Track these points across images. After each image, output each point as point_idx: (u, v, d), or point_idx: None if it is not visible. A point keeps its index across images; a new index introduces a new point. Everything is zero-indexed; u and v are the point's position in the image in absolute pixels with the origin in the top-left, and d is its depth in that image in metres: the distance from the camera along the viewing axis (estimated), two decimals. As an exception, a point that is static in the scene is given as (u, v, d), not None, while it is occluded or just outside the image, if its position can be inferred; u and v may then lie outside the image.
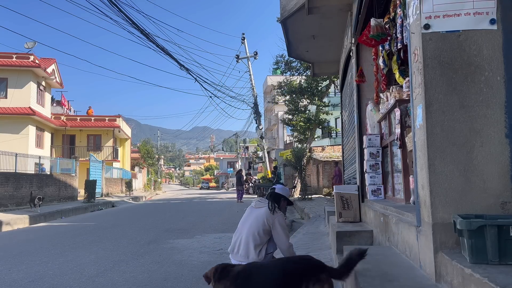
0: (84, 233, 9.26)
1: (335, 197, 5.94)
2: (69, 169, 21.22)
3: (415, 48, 2.49)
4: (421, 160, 2.42)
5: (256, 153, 48.01)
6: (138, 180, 42.26)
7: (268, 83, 40.61)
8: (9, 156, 15.86)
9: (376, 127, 5.36)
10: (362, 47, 5.87)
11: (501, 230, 1.83)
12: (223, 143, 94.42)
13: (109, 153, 31.09)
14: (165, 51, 15.86)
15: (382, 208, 4.09)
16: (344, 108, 8.99)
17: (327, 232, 7.42)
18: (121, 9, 14.67)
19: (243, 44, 26.50)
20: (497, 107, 2.26)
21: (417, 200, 2.53)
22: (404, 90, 4.00)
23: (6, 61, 24.33)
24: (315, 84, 19.66)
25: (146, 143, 56.32)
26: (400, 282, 2.29)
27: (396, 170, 4.52)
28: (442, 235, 2.23)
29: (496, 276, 1.66)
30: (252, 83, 26.60)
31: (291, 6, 6.93)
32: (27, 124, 24.14)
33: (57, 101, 32.41)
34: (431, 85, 2.34)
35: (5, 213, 12.49)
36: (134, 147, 52.41)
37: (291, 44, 8.63)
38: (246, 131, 46.23)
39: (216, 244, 7.38)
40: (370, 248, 3.96)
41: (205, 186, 62.10)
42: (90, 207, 17.09)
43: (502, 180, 2.23)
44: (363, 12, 5.00)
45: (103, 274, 5.21)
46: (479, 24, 2.30)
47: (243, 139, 57.48)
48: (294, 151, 19.50)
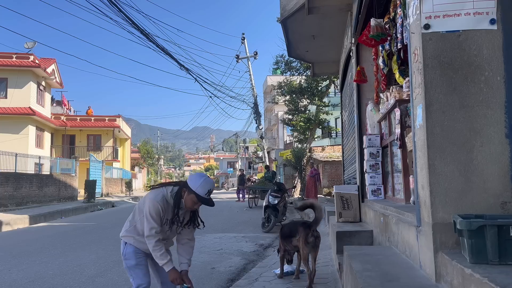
0: (84, 233, 9.26)
1: (335, 197, 5.94)
2: (69, 169, 21.22)
3: (415, 48, 2.49)
4: (421, 160, 2.42)
5: (256, 153, 48.01)
6: (138, 180, 42.27)
7: (268, 83, 40.60)
8: (9, 156, 15.86)
9: (376, 127, 5.36)
10: (362, 47, 5.87)
11: (501, 230, 1.83)
12: (223, 143, 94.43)
13: (109, 153, 31.08)
14: (165, 51, 15.83)
15: (382, 208, 4.09)
16: (344, 108, 8.99)
17: (327, 232, 7.42)
18: (121, 9, 14.67)
19: (243, 44, 26.49)
20: (497, 107, 2.26)
21: (417, 200, 2.53)
22: (404, 90, 4.00)
23: (6, 61, 24.33)
24: (315, 84, 19.64)
25: (146, 143, 56.31)
26: (400, 282, 2.29)
27: (396, 170, 4.52)
28: (442, 235, 2.23)
29: (496, 276, 1.66)
30: (252, 83, 26.59)
31: (291, 6, 6.93)
32: (27, 124, 24.15)
33: (57, 101, 32.41)
34: (431, 85, 2.34)
35: (5, 213, 12.49)
36: (134, 147, 52.41)
37: (291, 44, 8.64)
38: (246, 131, 46.24)
39: (216, 244, 7.38)
40: (370, 248, 3.97)
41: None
42: (90, 207, 17.09)
43: (502, 180, 2.23)
44: (363, 12, 5.00)
45: (103, 274, 5.21)
46: (479, 24, 2.30)
47: (243, 139, 57.48)
48: (294, 151, 19.51)
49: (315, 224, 4.16)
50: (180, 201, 2.86)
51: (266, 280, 4.61)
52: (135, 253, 2.95)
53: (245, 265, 5.84)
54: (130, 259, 2.95)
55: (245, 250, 6.93)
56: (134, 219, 2.97)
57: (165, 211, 2.83)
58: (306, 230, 4.09)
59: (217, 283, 4.87)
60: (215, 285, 4.81)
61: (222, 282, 4.91)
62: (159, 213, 2.79)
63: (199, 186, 2.79)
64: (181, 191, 2.85)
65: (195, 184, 2.81)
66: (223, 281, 4.97)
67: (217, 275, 5.25)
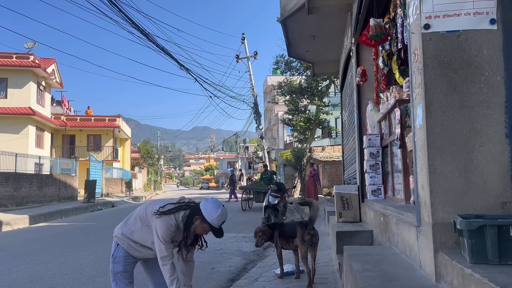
0: (84, 233, 9.26)
1: (335, 197, 5.94)
2: (69, 169, 21.21)
3: (415, 48, 2.49)
4: (421, 160, 2.42)
5: (256, 153, 47.98)
6: (138, 180, 42.26)
7: (268, 83, 40.58)
8: (9, 156, 15.86)
9: (376, 127, 5.36)
10: (362, 47, 5.87)
11: (501, 230, 1.83)
12: (223, 143, 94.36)
13: (109, 153, 31.08)
14: (165, 51, 15.82)
15: (382, 208, 4.09)
16: (344, 108, 8.99)
17: (327, 232, 7.42)
18: (121, 9, 14.66)
19: (243, 44, 26.47)
20: (497, 107, 2.26)
21: (417, 200, 2.53)
22: (404, 90, 4.00)
23: (6, 61, 24.33)
24: (315, 84, 19.64)
25: (146, 143, 56.26)
26: (400, 282, 2.29)
27: (396, 170, 4.52)
28: (442, 235, 2.23)
29: (496, 276, 1.66)
30: (252, 83, 26.58)
31: (291, 6, 6.93)
32: (27, 124, 24.14)
33: (57, 101, 32.41)
34: (431, 85, 2.34)
35: (5, 213, 12.49)
36: (134, 147, 52.40)
37: (291, 44, 8.64)
38: (246, 131, 46.22)
39: (216, 244, 7.38)
40: (370, 248, 3.97)
41: (205, 186, 62.06)
42: (90, 207, 17.08)
43: (502, 180, 2.23)
44: (363, 12, 5.00)
45: (103, 274, 5.20)
46: (479, 24, 2.30)
47: (243, 139, 57.45)
48: (294, 151, 19.50)
49: (311, 223, 4.30)
50: (191, 226, 2.81)
51: (266, 280, 4.61)
52: (124, 259, 2.92)
53: (245, 265, 5.84)
54: (118, 263, 2.92)
55: (245, 250, 6.93)
56: (134, 224, 2.90)
57: (175, 234, 2.80)
58: (303, 229, 4.25)
59: (217, 283, 4.87)
60: (215, 285, 4.81)
61: (222, 282, 4.91)
62: (171, 237, 2.77)
63: (215, 219, 2.75)
64: (194, 218, 2.79)
65: (211, 215, 2.74)
66: (223, 281, 4.97)
67: (217, 275, 5.25)
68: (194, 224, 2.79)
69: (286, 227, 4.64)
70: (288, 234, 4.47)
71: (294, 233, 4.34)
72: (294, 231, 4.34)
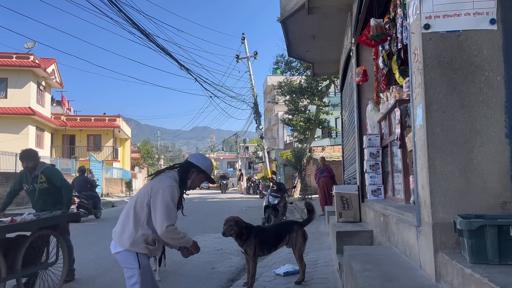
0: (84, 233, 9.25)
1: (335, 197, 5.94)
2: (69, 169, 21.21)
3: (415, 48, 2.49)
4: (421, 160, 2.42)
5: (256, 153, 47.95)
6: (138, 180, 42.21)
7: (268, 83, 40.57)
8: (9, 156, 15.86)
9: (376, 127, 5.36)
10: (362, 47, 5.87)
11: (501, 230, 1.83)
12: (223, 143, 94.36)
13: (109, 153, 31.07)
14: (165, 51, 15.82)
15: (382, 208, 4.09)
16: (344, 108, 8.99)
17: (327, 232, 7.43)
18: (121, 9, 14.66)
19: (243, 44, 26.47)
20: (497, 107, 2.26)
21: (417, 200, 2.54)
22: (404, 90, 4.00)
23: (6, 61, 24.32)
24: (315, 84, 19.63)
25: (146, 143, 56.32)
26: (400, 282, 2.29)
27: (396, 170, 4.52)
28: (442, 235, 2.23)
29: (496, 276, 1.66)
30: (252, 83, 26.59)
31: (291, 6, 6.93)
32: (27, 124, 24.14)
33: (57, 101, 32.42)
34: (431, 85, 2.34)
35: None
36: (134, 147, 52.42)
37: (291, 44, 8.64)
38: (246, 131, 46.22)
39: (216, 244, 7.38)
40: (370, 248, 3.97)
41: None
42: (90, 207, 17.06)
43: (502, 180, 2.23)
44: (363, 12, 5.00)
45: (103, 274, 5.21)
46: (479, 24, 2.30)
47: (243, 139, 57.42)
48: (294, 151, 19.47)
49: (308, 223, 4.59)
50: (186, 183, 2.78)
51: (266, 280, 4.61)
52: (149, 266, 2.74)
53: (245, 265, 5.83)
54: (147, 272, 2.67)
55: (245, 250, 6.93)
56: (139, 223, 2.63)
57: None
58: (302, 228, 4.47)
59: (217, 283, 4.87)
60: (215, 285, 4.81)
61: (222, 282, 4.91)
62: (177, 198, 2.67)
63: (209, 166, 2.88)
64: (191, 172, 2.80)
65: (205, 164, 2.86)
66: (223, 281, 4.97)
67: (217, 275, 5.25)
68: (191, 178, 2.81)
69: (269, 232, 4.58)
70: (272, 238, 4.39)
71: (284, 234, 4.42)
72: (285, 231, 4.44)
